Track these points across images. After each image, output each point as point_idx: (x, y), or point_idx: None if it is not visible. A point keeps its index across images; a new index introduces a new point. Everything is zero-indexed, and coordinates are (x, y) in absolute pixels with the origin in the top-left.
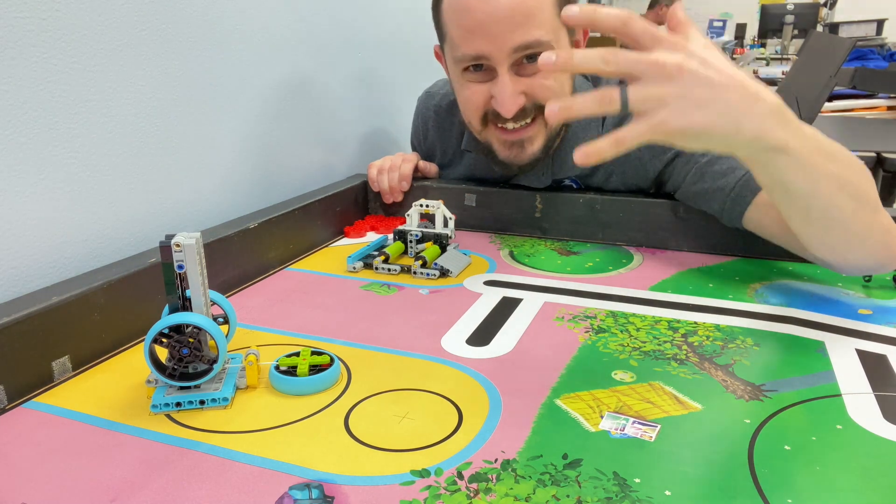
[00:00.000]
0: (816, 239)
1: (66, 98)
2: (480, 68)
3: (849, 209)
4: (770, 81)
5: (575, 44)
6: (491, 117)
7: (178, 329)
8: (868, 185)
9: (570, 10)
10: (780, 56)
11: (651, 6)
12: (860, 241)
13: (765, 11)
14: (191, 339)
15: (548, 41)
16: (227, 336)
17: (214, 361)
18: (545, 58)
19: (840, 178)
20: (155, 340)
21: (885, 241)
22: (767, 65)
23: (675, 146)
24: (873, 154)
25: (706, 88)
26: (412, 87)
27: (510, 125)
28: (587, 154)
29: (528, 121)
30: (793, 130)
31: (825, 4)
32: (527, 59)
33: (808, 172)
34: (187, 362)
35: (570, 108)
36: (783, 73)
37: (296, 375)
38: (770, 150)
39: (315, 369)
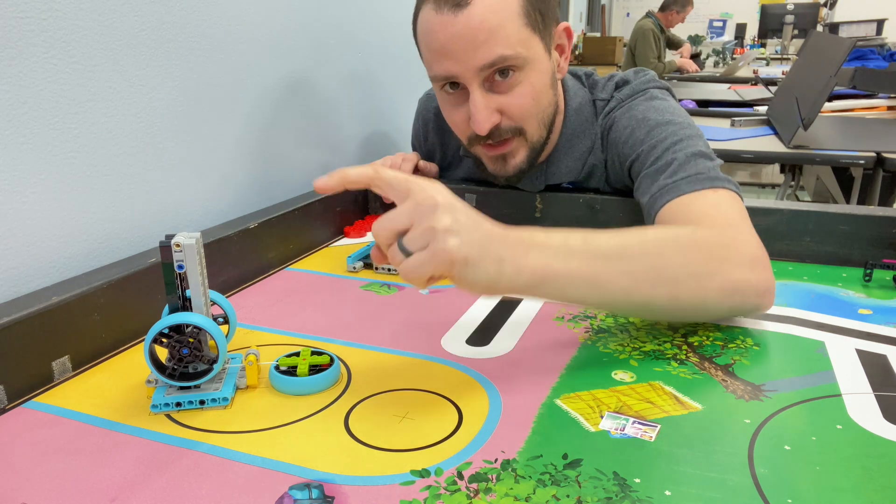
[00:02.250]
0: (653, 316)
1: (66, 98)
2: (457, 87)
3: (664, 293)
4: (770, 81)
5: (558, 48)
6: (474, 136)
7: (178, 329)
8: (695, 251)
9: (319, 182)
10: (780, 56)
11: (662, 8)
12: (700, 309)
13: (765, 11)
14: (191, 339)
15: (513, 55)
16: (226, 336)
17: (214, 361)
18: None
19: (643, 272)
20: (155, 340)
21: (733, 300)
22: (767, 65)
23: (455, 280)
24: (873, 154)
25: (466, 226)
26: (412, 89)
27: (490, 142)
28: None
29: (508, 137)
30: (553, 253)
31: (825, 4)
32: (500, 74)
33: (592, 283)
34: (187, 362)
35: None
36: (783, 73)
37: (296, 375)
38: (536, 279)
39: (315, 369)
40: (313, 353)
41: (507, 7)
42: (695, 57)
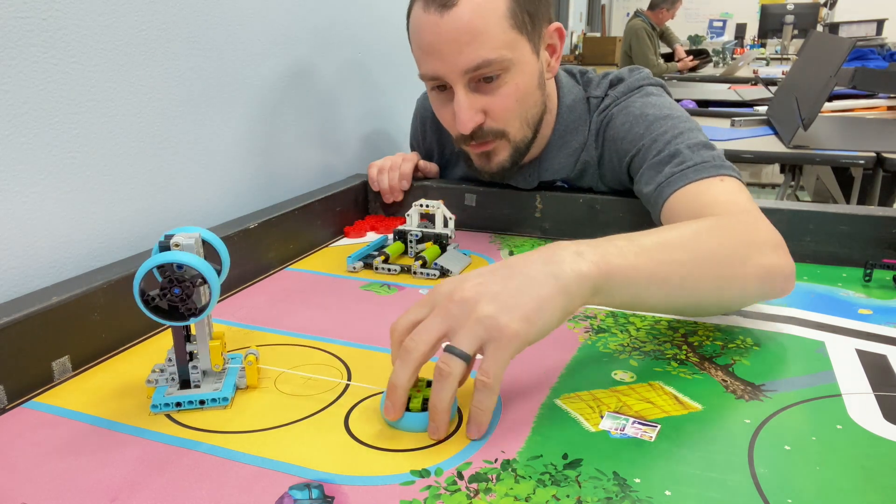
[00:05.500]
0: (700, 312)
1: (66, 98)
2: (445, 87)
3: (712, 282)
4: (770, 81)
5: (549, 48)
6: (460, 134)
7: (170, 268)
8: (727, 238)
9: (388, 413)
10: (780, 56)
11: (652, 7)
12: (739, 296)
13: (765, 11)
14: (182, 281)
15: (497, 59)
16: (219, 276)
17: (205, 308)
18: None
19: (689, 260)
20: (146, 279)
21: (765, 285)
22: (767, 65)
23: (534, 338)
24: (873, 154)
25: (498, 285)
26: (412, 88)
27: (473, 141)
28: (480, 425)
29: (490, 139)
30: (606, 250)
31: (825, 4)
32: (484, 77)
33: (652, 278)
34: (179, 301)
35: (439, 411)
36: (783, 73)
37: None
38: (602, 276)
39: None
40: (428, 384)
41: (494, 9)
42: (698, 54)
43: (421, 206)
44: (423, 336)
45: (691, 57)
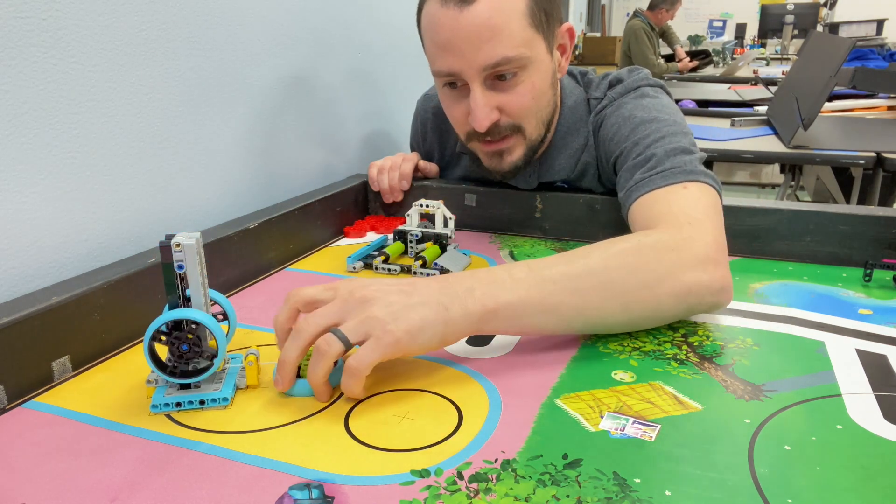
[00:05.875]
0: (610, 330)
1: (66, 98)
2: (458, 84)
3: (616, 307)
4: (770, 81)
5: (560, 48)
6: (472, 131)
7: (177, 325)
8: (643, 260)
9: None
10: (780, 56)
11: (651, 7)
12: (655, 316)
13: (765, 11)
14: (189, 336)
15: (516, 56)
16: (227, 335)
17: (214, 356)
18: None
19: (589, 289)
20: (154, 338)
21: (687, 302)
22: (767, 65)
23: (408, 351)
24: (873, 154)
25: (398, 296)
26: (412, 89)
27: (489, 138)
28: (348, 398)
29: (507, 134)
30: (499, 286)
31: (825, 4)
32: (501, 75)
33: (545, 309)
34: (187, 359)
35: (313, 382)
36: (783, 73)
37: (301, 377)
38: (488, 314)
39: None
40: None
41: (513, 6)
42: (700, 55)
43: (421, 206)
44: (318, 320)
45: (689, 58)
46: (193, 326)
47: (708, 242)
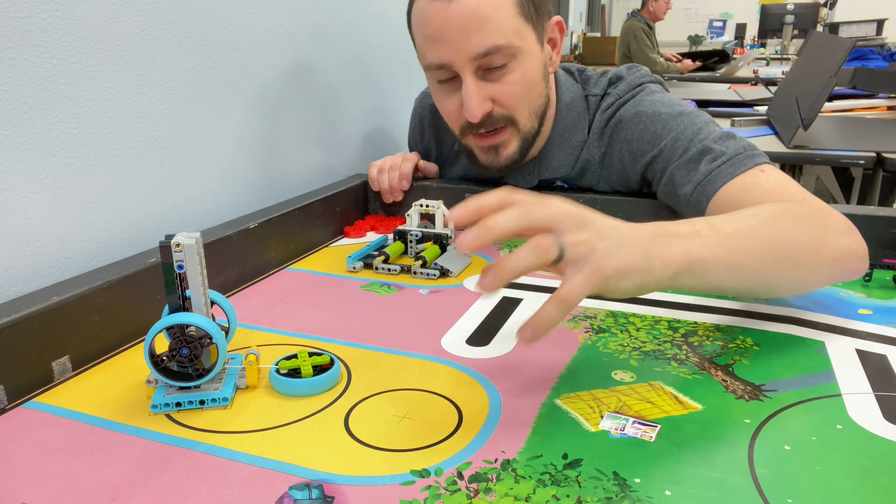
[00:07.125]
0: (773, 294)
1: (66, 98)
2: (450, 78)
3: (787, 268)
4: (770, 81)
5: (550, 42)
6: (466, 125)
7: (178, 328)
8: (801, 223)
9: (464, 240)
10: (780, 56)
11: (642, 4)
12: (814, 280)
13: (765, 11)
14: (192, 334)
15: (506, 45)
16: (227, 336)
17: (215, 361)
18: (461, 240)
19: (767, 250)
20: (155, 340)
21: (839, 267)
22: (767, 65)
23: (607, 292)
24: (873, 154)
25: (612, 230)
26: (413, 88)
27: (483, 130)
28: (536, 330)
29: (500, 126)
30: (691, 241)
31: (825, 4)
32: (492, 65)
33: (729, 267)
34: (187, 362)
35: (506, 269)
36: (783, 73)
37: (299, 377)
38: (682, 269)
39: (318, 370)
40: (311, 353)
41: None
42: (712, 55)
43: (421, 206)
44: (547, 211)
45: (703, 60)
46: (195, 330)
47: (838, 213)
